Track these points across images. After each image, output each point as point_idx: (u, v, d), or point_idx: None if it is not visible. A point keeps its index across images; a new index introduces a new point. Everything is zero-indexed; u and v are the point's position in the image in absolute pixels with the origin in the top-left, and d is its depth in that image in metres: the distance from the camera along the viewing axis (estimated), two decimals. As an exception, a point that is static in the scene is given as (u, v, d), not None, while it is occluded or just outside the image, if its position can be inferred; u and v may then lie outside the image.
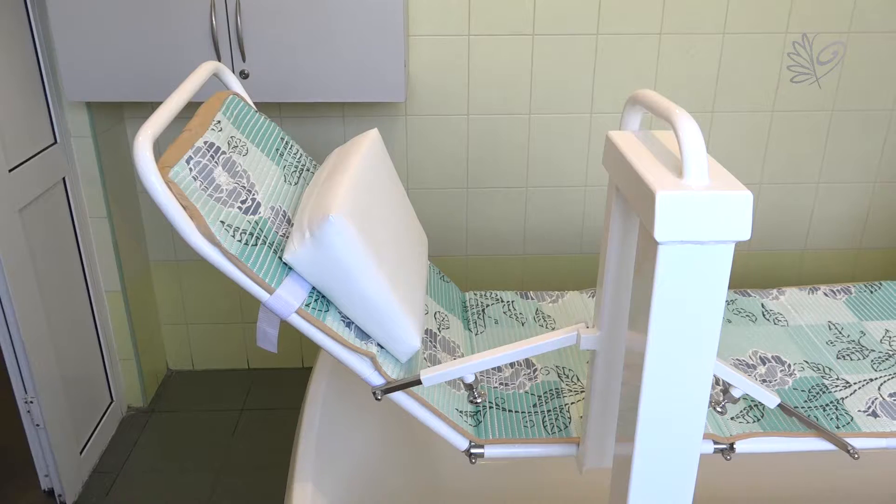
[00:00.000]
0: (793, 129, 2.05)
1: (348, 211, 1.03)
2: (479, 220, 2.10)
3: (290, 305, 1.04)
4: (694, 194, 0.78)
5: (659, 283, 0.81)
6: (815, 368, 1.32)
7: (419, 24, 1.88)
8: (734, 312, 1.49)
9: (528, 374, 1.33)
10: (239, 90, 1.33)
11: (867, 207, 2.15)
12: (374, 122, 1.98)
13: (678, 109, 0.84)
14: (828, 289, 1.56)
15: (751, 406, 1.23)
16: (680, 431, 0.89)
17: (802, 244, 2.19)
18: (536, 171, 2.05)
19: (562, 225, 2.12)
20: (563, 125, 2.01)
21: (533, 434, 1.19)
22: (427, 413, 1.14)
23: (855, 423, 1.20)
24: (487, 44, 1.91)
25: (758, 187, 2.11)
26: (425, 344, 1.27)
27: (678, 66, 1.96)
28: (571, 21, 1.90)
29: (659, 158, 0.88)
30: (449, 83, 1.95)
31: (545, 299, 1.55)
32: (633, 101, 0.97)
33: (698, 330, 0.84)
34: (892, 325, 1.44)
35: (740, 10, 1.91)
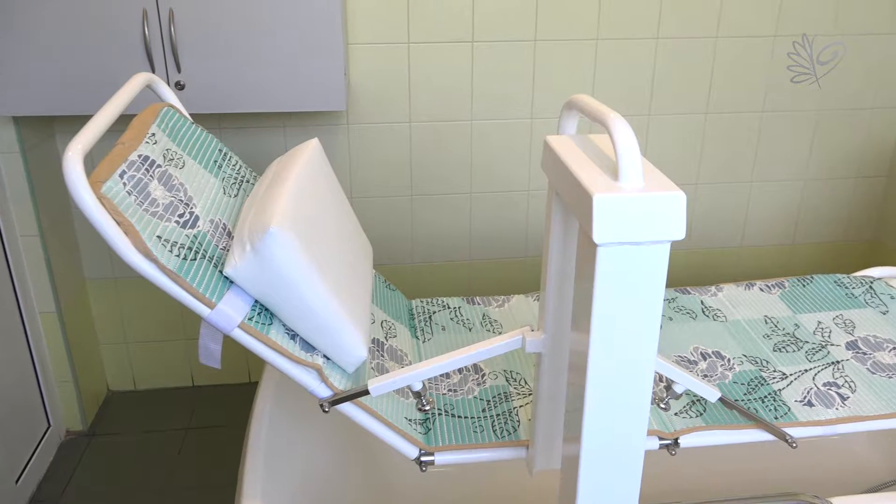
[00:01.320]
0: (726, 130, 2.11)
1: (289, 222, 1.02)
2: (425, 227, 2.10)
3: (232, 320, 1.02)
4: (629, 196, 0.80)
5: (599, 284, 0.83)
6: (753, 362, 1.36)
7: (358, 32, 1.87)
8: (675, 310, 1.52)
9: (477, 379, 1.33)
10: (174, 102, 1.30)
11: (798, 205, 2.24)
12: (315, 131, 1.96)
13: (612, 114, 0.86)
14: (763, 284, 1.61)
15: (693, 401, 1.26)
16: (624, 429, 0.90)
17: (739, 241, 2.26)
18: (480, 177, 2.07)
19: (506, 229, 2.14)
20: (504, 131, 2.03)
21: (482, 439, 1.19)
22: (376, 423, 1.13)
23: (792, 413, 1.24)
24: (427, 51, 1.92)
25: (694, 187, 2.17)
26: (372, 353, 1.26)
27: (615, 71, 2.00)
28: (509, 28, 1.92)
29: (595, 162, 0.89)
30: (390, 91, 1.95)
31: (492, 304, 1.56)
32: (569, 106, 0.99)
33: (639, 328, 0.86)
34: (824, 317, 1.49)
35: (672, 16, 1.96)
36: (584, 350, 0.88)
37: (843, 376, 1.32)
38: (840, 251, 2.32)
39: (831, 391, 1.28)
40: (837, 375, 1.32)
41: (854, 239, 2.31)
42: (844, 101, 2.12)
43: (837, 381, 1.31)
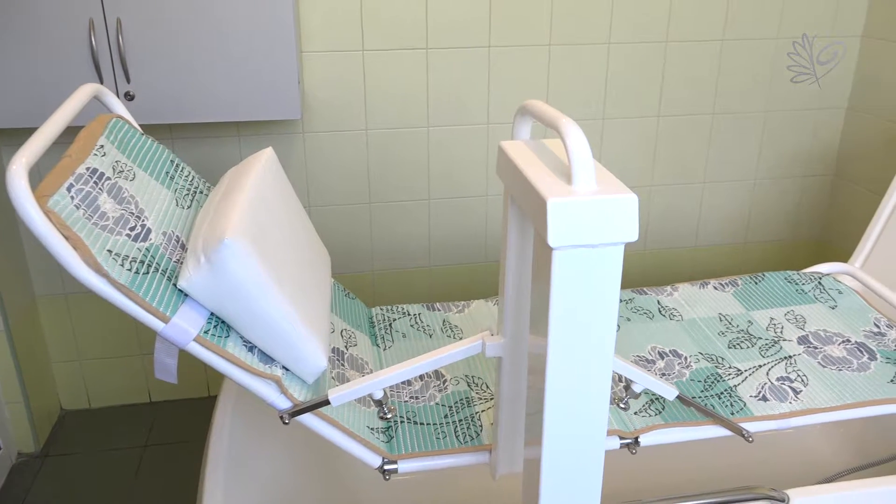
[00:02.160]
0: (678, 133, 2.15)
1: (244, 233, 1.01)
2: (384, 235, 2.10)
3: (187, 333, 1.00)
4: (583, 200, 0.81)
5: (555, 286, 0.83)
6: (709, 359, 1.39)
7: (312, 40, 1.86)
8: (632, 311, 1.54)
9: (438, 385, 1.33)
10: (123, 113, 1.28)
11: (749, 204, 2.29)
12: (270, 140, 1.95)
13: (564, 118, 0.87)
14: (717, 282, 1.65)
15: (652, 400, 1.28)
16: (584, 430, 0.91)
17: (694, 241, 2.31)
18: (438, 183, 2.07)
19: (465, 235, 2.14)
20: (461, 137, 2.03)
21: (445, 445, 1.19)
22: (337, 433, 1.12)
23: (748, 409, 1.26)
24: (382, 59, 1.92)
25: (649, 189, 2.20)
26: (332, 363, 1.25)
27: (569, 76, 2.03)
28: (463, 34, 1.93)
29: (549, 166, 0.90)
30: (345, 99, 1.94)
31: (452, 310, 1.56)
32: (523, 111, 1.00)
33: (596, 329, 0.87)
34: (777, 313, 1.53)
35: (623, 22, 1.99)
36: (543, 353, 0.88)
37: (795, 371, 1.35)
38: (790, 249, 2.38)
39: (784, 385, 1.31)
40: (790, 370, 1.35)
41: (803, 237, 2.37)
42: (790, 102, 2.18)
43: (790, 375, 1.34)
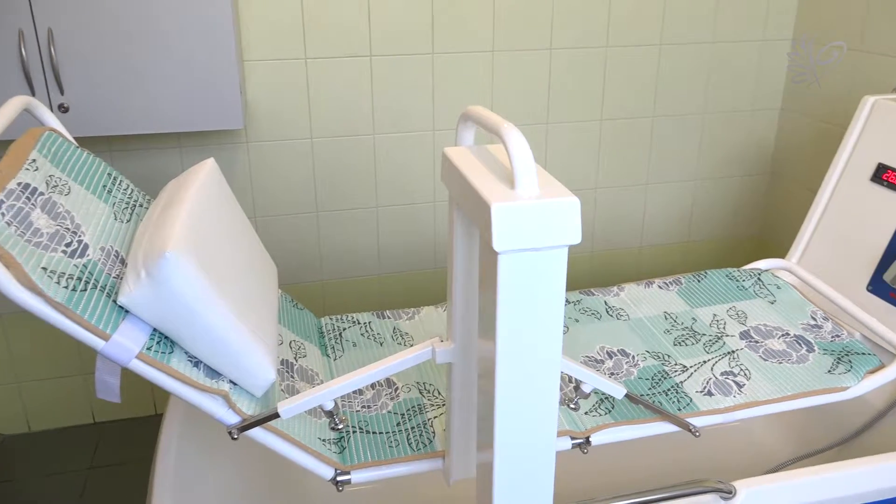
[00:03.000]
0: (620, 135, 2.19)
1: (185, 246, 0.99)
2: (332, 244, 2.08)
3: (129, 351, 0.98)
4: (526, 204, 0.81)
5: (501, 290, 0.84)
6: (655, 357, 1.42)
7: (253, 48, 1.84)
8: (580, 312, 1.56)
9: (390, 393, 1.33)
10: (56, 125, 1.24)
11: (691, 204, 2.35)
12: (213, 150, 1.91)
13: (506, 124, 0.87)
14: (661, 281, 1.68)
15: (602, 399, 1.29)
16: (535, 432, 0.92)
17: (639, 242, 2.35)
18: (385, 191, 2.07)
19: (414, 242, 2.14)
20: (407, 144, 2.03)
21: (398, 453, 1.19)
22: (288, 446, 1.11)
23: (694, 404, 1.29)
24: (325, 66, 1.90)
25: (594, 192, 2.24)
26: (281, 375, 1.23)
27: (512, 82, 2.05)
28: (406, 41, 1.93)
29: (493, 172, 0.91)
30: (289, 107, 1.92)
31: (402, 317, 1.56)
32: (465, 117, 1.00)
33: (543, 331, 0.88)
34: (719, 310, 1.57)
35: (564, 28, 2.02)
36: (492, 356, 0.89)
37: (738, 365, 1.39)
38: (731, 247, 2.45)
39: (728, 380, 1.35)
40: (733, 364, 1.39)
41: (743, 234, 2.44)
42: (727, 104, 2.24)
43: (734, 369, 1.37)
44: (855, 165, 1.69)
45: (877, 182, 1.63)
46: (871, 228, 1.62)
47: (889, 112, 1.64)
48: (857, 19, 2.00)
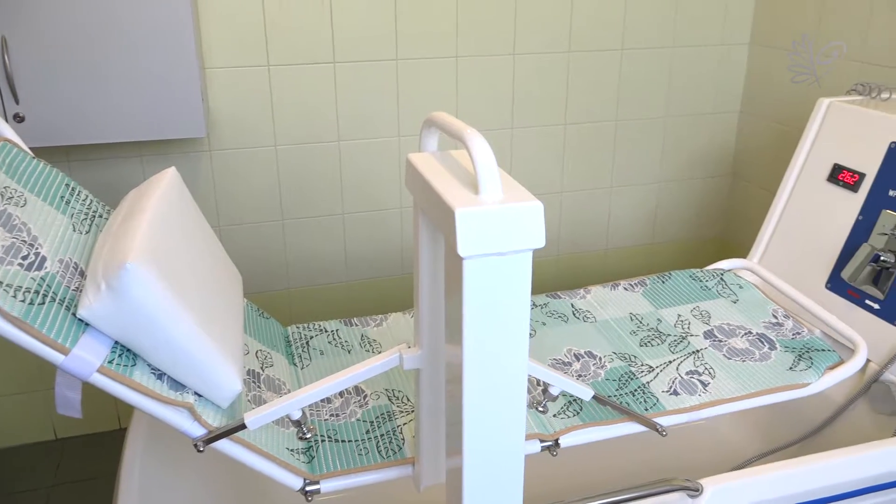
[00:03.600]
0: (584, 139, 2.21)
1: (147, 256, 0.97)
2: (298, 252, 2.07)
3: (90, 364, 0.96)
4: (490, 209, 0.82)
5: (467, 295, 0.84)
6: (622, 358, 1.43)
7: (215, 55, 1.82)
8: (547, 315, 1.57)
9: (359, 401, 1.32)
10: (11, 136, 1.21)
11: (655, 206, 2.38)
12: (175, 159, 1.89)
13: (469, 130, 0.88)
14: (627, 283, 1.70)
15: (570, 401, 1.30)
16: (504, 435, 0.92)
17: (604, 244, 2.37)
18: (351, 197, 2.06)
19: (381, 248, 2.14)
20: (372, 150, 2.03)
21: (368, 461, 1.18)
22: (256, 457, 1.09)
23: (660, 404, 1.30)
24: (288, 73, 1.89)
25: (559, 196, 2.26)
26: (248, 385, 1.22)
27: (476, 87, 2.06)
28: (370, 48, 1.93)
29: (456, 177, 0.91)
30: (252, 115, 1.90)
31: (369, 324, 1.55)
32: (429, 123, 1.01)
33: (509, 335, 0.88)
34: (683, 310, 1.59)
35: (527, 33, 2.04)
36: (459, 361, 0.89)
37: (703, 364, 1.41)
38: (694, 248, 2.49)
39: (693, 379, 1.37)
40: (698, 364, 1.41)
41: (706, 235, 2.48)
42: (687, 107, 2.28)
43: (698, 369, 1.39)
44: (812, 166, 1.73)
45: (833, 182, 1.67)
46: (828, 228, 1.66)
47: (843, 114, 1.68)
48: (811, 24, 2.05)
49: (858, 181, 1.61)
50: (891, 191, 1.54)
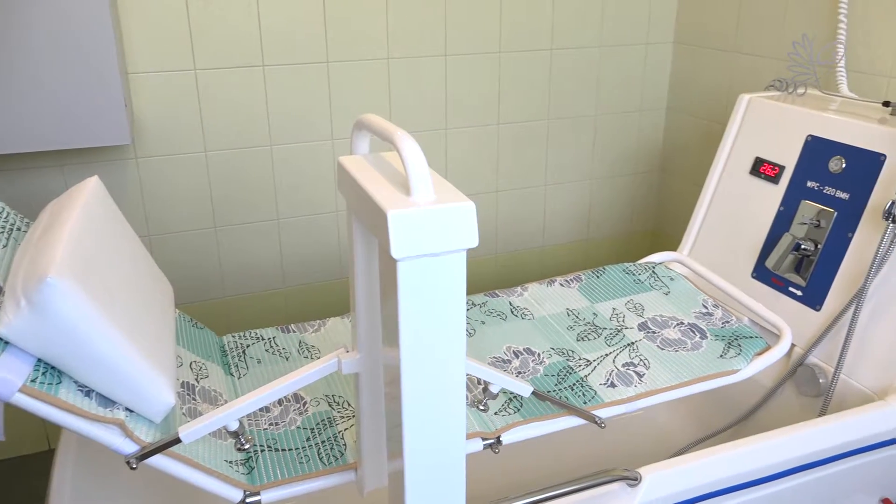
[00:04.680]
0: (518, 139, 2.24)
1: (69, 270, 0.94)
2: (233, 259, 2.02)
3: (11, 384, 0.92)
4: (422, 210, 0.82)
5: (402, 297, 0.84)
6: (560, 353, 1.45)
7: (138, 60, 1.77)
8: (486, 314, 1.59)
9: (298, 408, 1.30)
10: (-82, 147, 1.15)
11: (588, 203, 2.42)
12: (99, 168, 1.83)
13: (399, 132, 0.87)
14: (563, 279, 1.73)
15: (510, 399, 1.31)
16: (444, 436, 0.92)
17: (541, 242, 2.41)
18: (286, 202, 2.03)
19: (318, 252, 2.11)
20: (305, 154, 2.01)
21: (310, 468, 1.16)
22: (193, 471, 1.07)
23: (599, 396, 1.33)
24: (216, 77, 1.85)
25: (495, 195, 2.28)
26: (182, 398, 1.19)
27: (409, 89, 2.06)
28: (300, 50, 1.91)
29: (388, 179, 0.91)
30: (180, 120, 1.86)
31: (307, 330, 1.53)
32: (359, 126, 1.00)
33: (446, 335, 0.88)
34: (618, 304, 1.63)
35: (457, 34, 2.05)
36: (397, 364, 0.89)
37: (638, 356, 1.44)
38: (628, 242, 2.55)
39: (629, 371, 1.40)
40: (633, 355, 1.44)
41: (638, 230, 2.54)
42: (616, 105, 2.33)
43: (634, 360, 1.43)
44: (735, 160, 1.79)
45: (755, 175, 1.73)
46: (752, 219, 1.72)
47: (762, 108, 1.74)
48: (730, 24, 2.12)
49: (779, 173, 1.67)
50: (808, 182, 1.60)
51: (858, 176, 1.50)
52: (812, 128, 1.61)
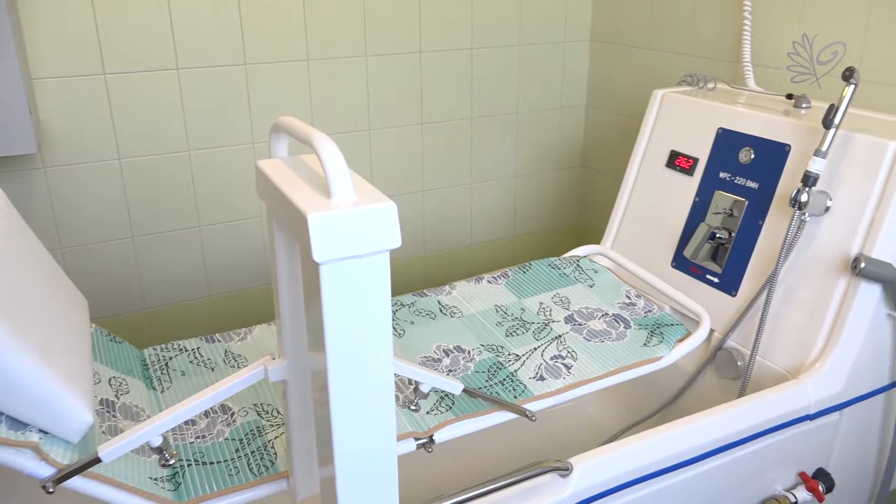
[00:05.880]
0: (442, 138, 2.25)
1: (-30, 287, 0.89)
2: (153, 269, 1.96)
3: None
4: (343, 212, 0.81)
5: (326, 301, 0.83)
6: (490, 350, 1.46)
7: (42, 65, 1.69)
8: (415, 314, 1.58)
9: (226, 419, 1.27)
10: None
11: (513, 200, 2.45)
12: (3, 179, 1.74)
13: (317, 134, 0.86)
14: (490, 276, 1.74)
15: (442, 397, 1.32)
16: (374, 439, 0.92)
17: (468, 240, 2.42)
18: (207, 209, 1.98)
19: (243, 259, 2.07)
20: (226, 159, 1.96)
21: (239, 480, 1.14)
22: (115, 491, 1.03)
23: (529, 390, 1.35)
24: (127, 81, 1.79)
25: (421, 195, 2.28)
26: (102, 416, 1.14)
27: (331, 90, 2.03)
28: (215, 53, 1.86)
29: (308, 182, 0.90)
30: (91, 127, 1.78)
31: (233, 339, 1.50)
32: (277, 128, 0.98)
33: (372, 336, 0.88)
34: (545, 298, 1.65)
35: (377, 34, 2.04)
36: (324, 369, 0.88)
37: (565, 348, 1.47)
38: (554, 237, 2.59)
39: (558, 363, 1.42)
40: (561, 348, 1.47)
41: (563, 225, 2.59)
42: (537, 102, 2.37)
43: (562, 353, 1.45)
44: (651, 154, 1.85)
45: (671, 168, 1.79)
46: (669, 210, 1.78)
47: (676, 103, 1.80)
48: (643, 22, 2.19)
49: (693, 165, 1.73)
50: (721, 173, 1.67)
51: (766, 166, 1.57)
52: (722, 121, 1.68)
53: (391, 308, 1.63)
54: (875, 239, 1.38)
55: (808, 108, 1.64)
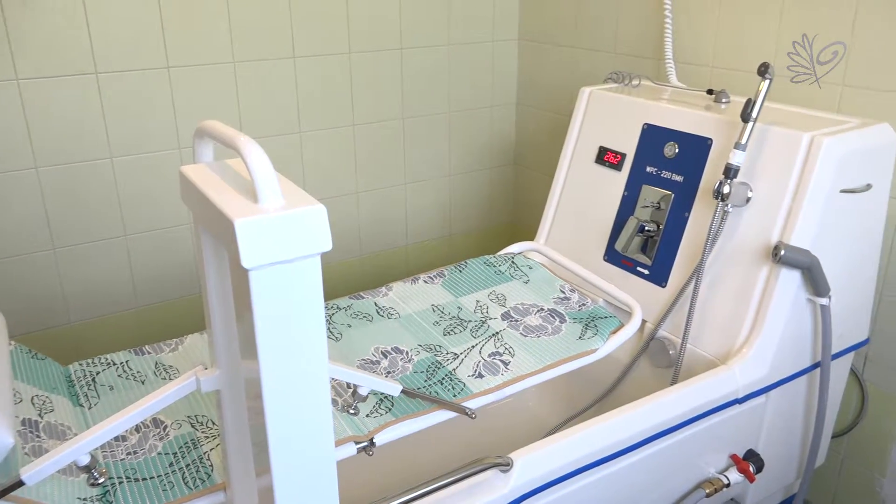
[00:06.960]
0: (374, 139, 2.24)
1: None
2: (77, 282, 1.88)
3: None
4: (271, 217, 0.79)
5: (257, 307, 0.81)
6: (428, 349, 1.46)
7: (-53, 72, 1.61)
8: (352, 317, 1.57)
9: (158, 433, 1.23)
10: None
11: (448, 199, 2.46)
12: None
13: (242, 137, 0.85)
14: (426, 276, 1.74)
15: (381, 399, 1.31)
16: (312, 446, 0.90)
17: (404, 240, 2.42)
18: (133, 217, 1.92)
19: (172, 267, 2.01)
20: (150, 165, 1.90)
21: (174, 495, 1.11)
22: (40, 515, 0.98)
23: (468, 388, 1.35)
24: (43, 87, 1.72)
25: (355, 196, 2.26)
26: (24, 437, 1.09)
27: (259, 93, 2.00)
28: (137, 56, 1.80)
29: (234, 187, 0.88)
30: (4, 136, 1.70)
31: (164, 350, 1.45)
32: (200, 133, 0.96)
33: (306, 341, 0.86)
34: (481, 296, 1.66)
35: (304, 35, 2.01)
36: (257, 377, 0.86)
37: (503, 345, 1.48)
38: (489, 235, 2.61)
39: (496, 360, 1.43)
40: (499, 345, 1.48)
41: (497, 222, 2.61)
42: (468, 102, 2.38)
43: (499, 350, 1.46)
44: (581, 150, 1.88)
45: (600, 163, 1.82)
46: (600, 205, 1.81)
47: (603, 100, 1.84)
48: (569, 20, 2.22)
49: (621, 161, 1.77)
50: (648, 167, 1.71)
51: (690, 160, 1.62)
52: (647, 116, 1.72)
53: (327, 312, 1.61)
54: (793, 227, 1.43)
55: (728, 102, 1.69)
